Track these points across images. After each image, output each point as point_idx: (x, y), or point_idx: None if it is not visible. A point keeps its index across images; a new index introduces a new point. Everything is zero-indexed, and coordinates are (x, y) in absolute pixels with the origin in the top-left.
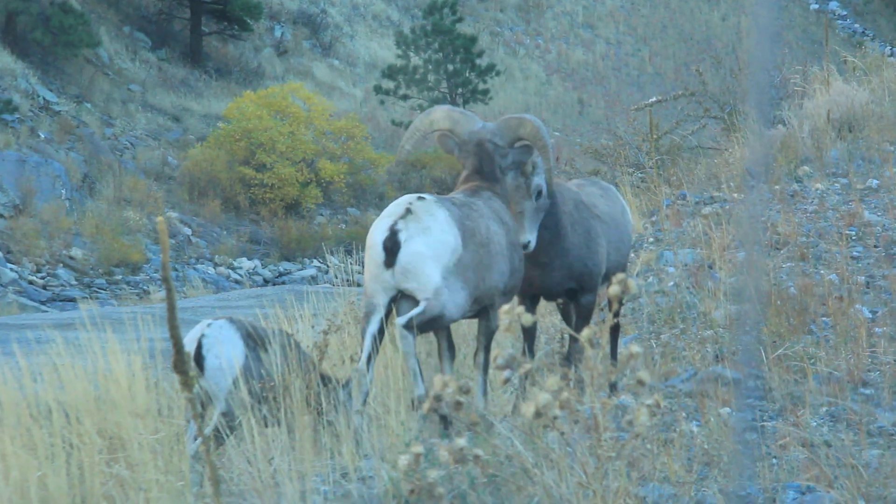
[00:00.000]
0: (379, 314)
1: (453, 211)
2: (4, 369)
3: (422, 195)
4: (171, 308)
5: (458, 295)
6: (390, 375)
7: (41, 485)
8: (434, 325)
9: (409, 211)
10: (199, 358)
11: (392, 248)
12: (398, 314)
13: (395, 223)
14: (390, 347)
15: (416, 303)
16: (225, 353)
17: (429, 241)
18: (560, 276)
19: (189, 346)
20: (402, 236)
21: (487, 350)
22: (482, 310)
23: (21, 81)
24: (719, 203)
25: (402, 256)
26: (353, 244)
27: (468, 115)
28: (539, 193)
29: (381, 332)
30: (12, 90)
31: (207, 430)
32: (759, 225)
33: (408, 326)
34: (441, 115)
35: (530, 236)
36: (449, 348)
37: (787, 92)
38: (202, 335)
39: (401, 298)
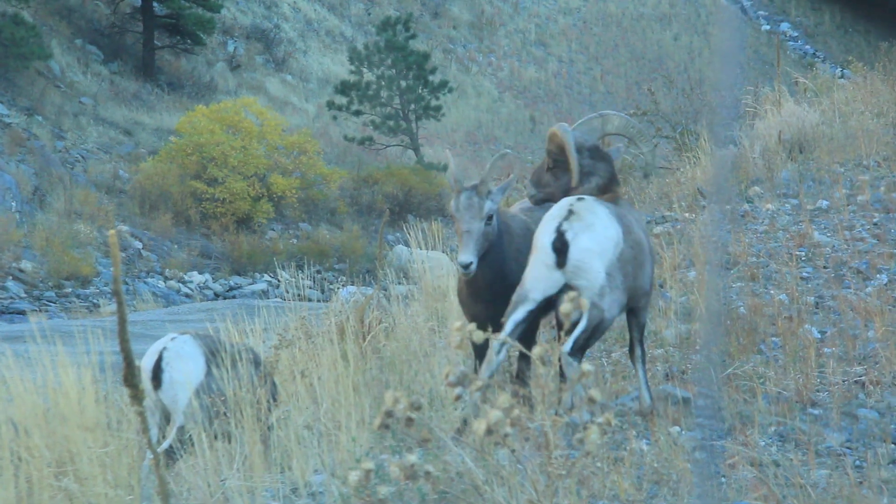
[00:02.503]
0: (529, 307)
1: (611, 208)
2: None
3: (580, 196)
4: (122, 321)
5: (618, 292)
6: (341, 391)
7: None
8: (598, 334)
9: (570, 212)
10: (157, 371)
11: (562, 248)
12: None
13: (560, 224)
14: (341, 364)
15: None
16: (184, 368)
17: (594, 237)
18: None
19: (150, 358)
20: (569, 236)
21: (642, 343)
22: (630, 310)
23: None
24: (671, 223)
25: (572, 254)
26: (304, 259)
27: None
28: (490, 218)
29: (523, 321)
30: None
31: (164, 445)
32: (717, 244)
33: (574, 352)
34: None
35: (472, 257)
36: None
37: (738, 112)
38: (164, 348)
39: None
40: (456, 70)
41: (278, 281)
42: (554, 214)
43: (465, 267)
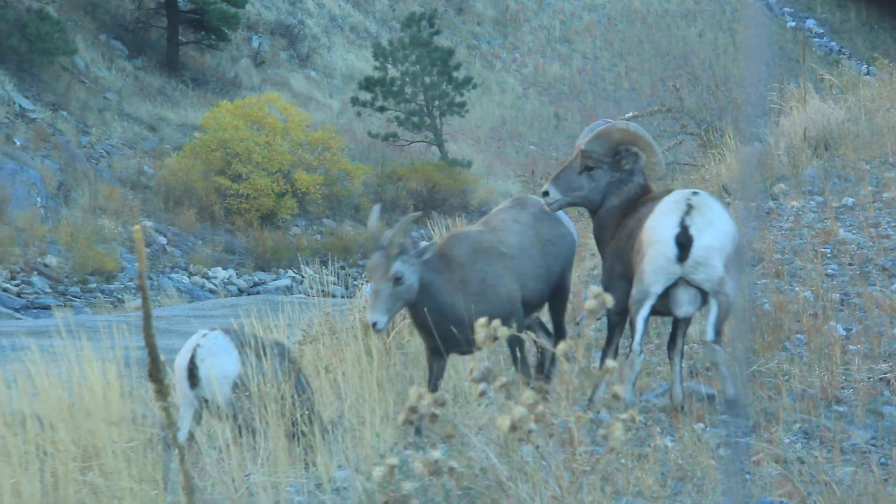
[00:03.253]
0: (651, 301)
1: (722, 202)
2: None
3: (695, 190)
4: (147, 317)
5: (734, 280)
6: (365, 387)
7: (15, 492)
8: (728, 317)
9: (690, 206)
10: (192, 368)
11: (686, 243)
12: (673, 305)
13: (683, 219)
14: (365, 359)
15: (692, 292)
16: (219, 363)
17: (716, 234)
18: (468, 336)
19: (184, 356)
20: (693, 231)
21: (684, 336)
22: None
23: None
24: None
25: (696, 251)
26: (328, 255)
27: None
28: (398, 280)
29: (648, 316)
30: None
31: (179, 437)
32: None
33: (717, 338)
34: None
35: (377, 317)
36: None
37: (764, 109)
38: (197, 345)
39: (672, 288)
40: (480, 66)
41: (302, 277)
42: (671, 208)
43: (372, 326)
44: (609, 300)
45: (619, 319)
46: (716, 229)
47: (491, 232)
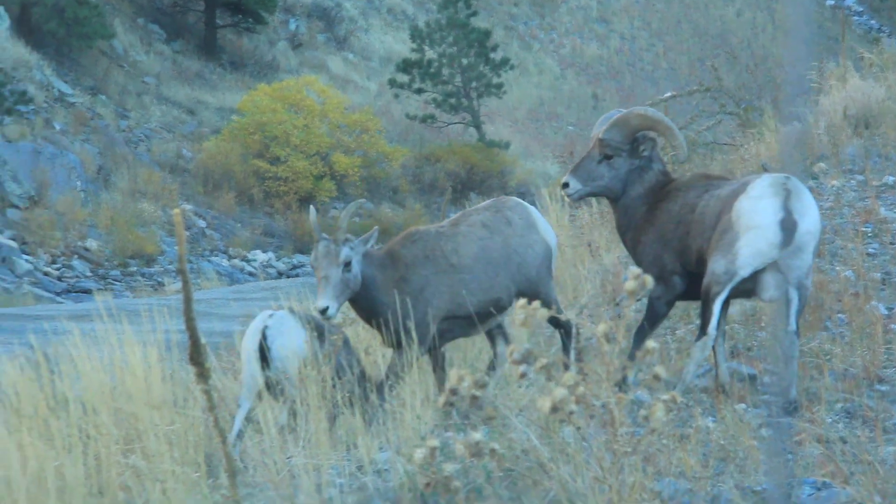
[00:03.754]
0: (735, 284)
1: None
2: (22, 360)
3: (787, 175)
4: (188, 300)
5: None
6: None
7: (59, 475)
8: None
9: (789, 191)
10: (263, 350)
11: (791, 227)
12: (760, 289)
13: (786, 203)
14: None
15: (779, 277)
16: (289, 343)
17: (813, 221)
18: (392, 336)
19: (252, 337)
20: (796, 216)
21: (725, 317)
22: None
23: (36, 73)
24: None
25: (799, 236)
26: None
27: None
28: (348, 265)
29: (727, 299)
30: (27, 81)
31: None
32: None
33: (798, 330)
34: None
35: (328, 302)
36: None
37: (803, 88)
38: (266, 327)
39: (760, 273)
40: (517, 47)
41: None
42: (771, 192)
43: (322, 312)
44: (649, 281)
45: (667, 310)
46: (813, 216)
47: (450, 237)
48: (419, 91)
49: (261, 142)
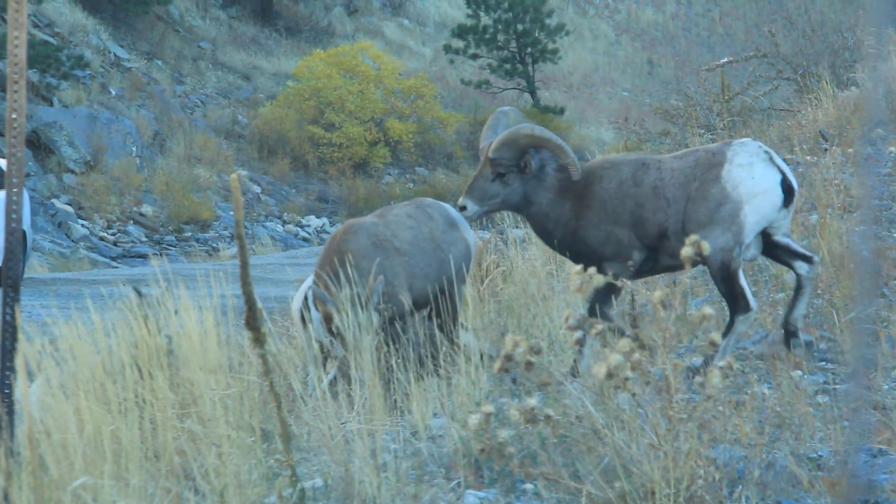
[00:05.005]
0: (742, 254)
1: None
2: (78, 325)
3: (743, 140)
4: (244, 265)
5: None
6: (460, 334)
7: (115, 439)
8: None
9: (768, 153)
10: (304, 313)
11: (789, 188)
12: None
13: (777, 166)
14: (459, 307)
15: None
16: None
17: (793, 179)
18: None
19: (297, 302)
20: (790, 177)
21: None
22: None
23: (92, 37)
24: (792, 166)
25: (795, 195)
26: None
27: None
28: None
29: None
30: (84, 46)
31: (328, 378)
32: (839, 187)
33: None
34: None
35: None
36: None
37: (861, 53)
38: (309, 290)
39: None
40: (573, 13)
41: None
42: (762, 157)
43: None
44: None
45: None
46: (791, 175)
47: (385, 225)
48: (474, 57)
49: (316, 108)
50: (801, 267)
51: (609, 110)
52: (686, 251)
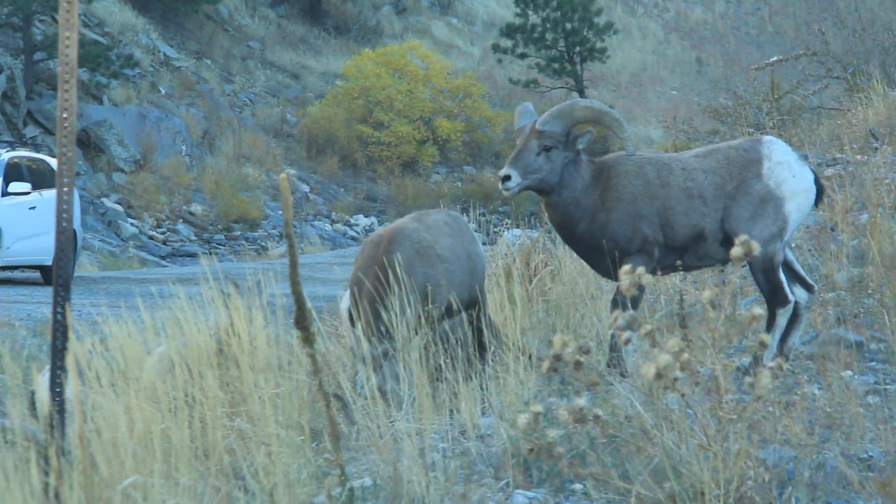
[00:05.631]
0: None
1: None
2: (128, 323)
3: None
4: (294, 264)
5: None
6: (508, 334)
7: (164, 437)
8: None
9: (796, 152)
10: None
11: (820, 186)
12: None
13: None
14: (507, 306)
15: None
16: None
17: None
18: None
19: (343, 301)
20: (820, 179)
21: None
22: None
23: (142, 37)
24: (842, 165)
25: (822, 198)
26: (468, 202)
27: None
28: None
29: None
30: (133, 45)
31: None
32: (890, 186)
33: None
34: None
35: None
36: None
37: None
38: None
39: None
40: (621, 11)
41: None
42: (795, 156)
43: None
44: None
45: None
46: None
47: (426, 230)
48: (522, 56)
49: (364, 107)
50: (801, 295)
51: (657, 109)
52: (736, 250)
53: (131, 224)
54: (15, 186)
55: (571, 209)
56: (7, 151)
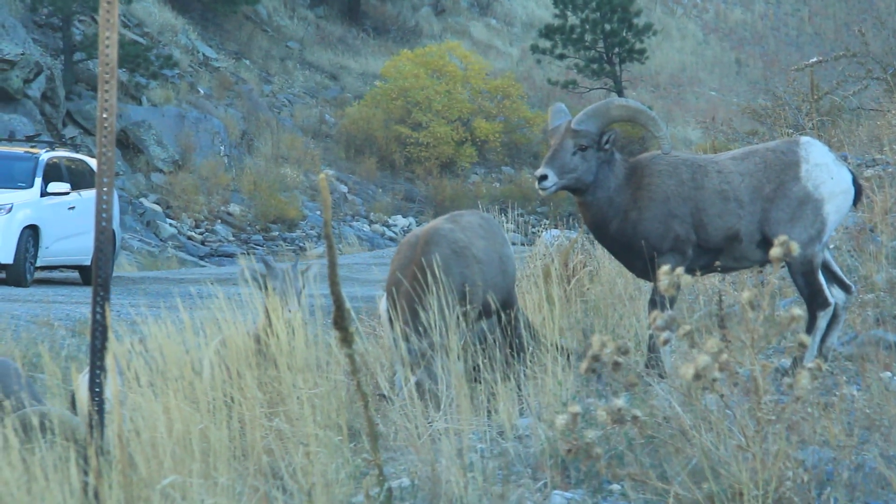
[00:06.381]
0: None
1: None
2: (167, 323)
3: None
4: (333, 265)
5: None
6: (547, 334)
7: (203, 437)
8: None
9: (834, 153)
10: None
11: (859, 187)
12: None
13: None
14: (546, 307)
15: None
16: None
17: None
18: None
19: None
20: (859, 180)
21: None
22: None
23: (181, 37)
24: (882, 166)
25: (861, 199)
26: (507, 202)
27: None
28: None
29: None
30: (172, 46)
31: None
32: None
33: None
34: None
35: None
36: None
37: None
38: None
39: None
40: (661, 12)
41: None
42: (833, 157)
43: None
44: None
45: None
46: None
47: (462, 230)
48: (561, 57)
49: (403, 107)
50: (839, 295)
51: (696, 110)
52: (775, 251)
53: (170, 224)
54: (54, 186)
55: (605, 208)
56: (46, 152)
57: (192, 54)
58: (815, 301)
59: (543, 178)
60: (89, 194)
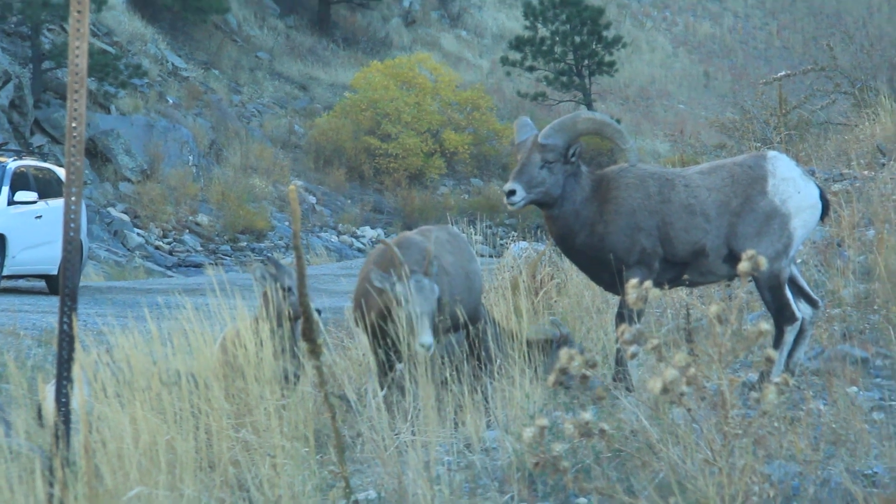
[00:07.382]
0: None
1: None
2: (135, 333)
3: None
4: (302, 276)
5: None
6: (514, 347)
7: (170, 448)
8: None
9: (800, 167)
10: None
11: (826, 201)
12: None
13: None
14: (514, 318)
15: None
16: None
17: None
18: None
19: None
20: (826, 195)
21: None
22: None
23: (150, 46)
24: (849, 180)
25: (828, 214)
26: (475, 214)
27: None
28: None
29: None
30: (142, 55)
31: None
32: (891, 204)
33: None
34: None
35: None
36: None
37: None
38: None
39: None
40: (630, 25)
41: None
42: (801, 171)
43: (428, 348)
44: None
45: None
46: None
47: (433, 244)
48: (531, 69)
49: (372, 118)
50: (806, 310)
51: (665, 123)
52: (744, 266)
53: (137, 234)
54: (21, 195)
55: (571, 221)
56: (14, 160)
57: (161, 64)
58: (782, 316)
59: (512, 192)
60: (57, 203)
